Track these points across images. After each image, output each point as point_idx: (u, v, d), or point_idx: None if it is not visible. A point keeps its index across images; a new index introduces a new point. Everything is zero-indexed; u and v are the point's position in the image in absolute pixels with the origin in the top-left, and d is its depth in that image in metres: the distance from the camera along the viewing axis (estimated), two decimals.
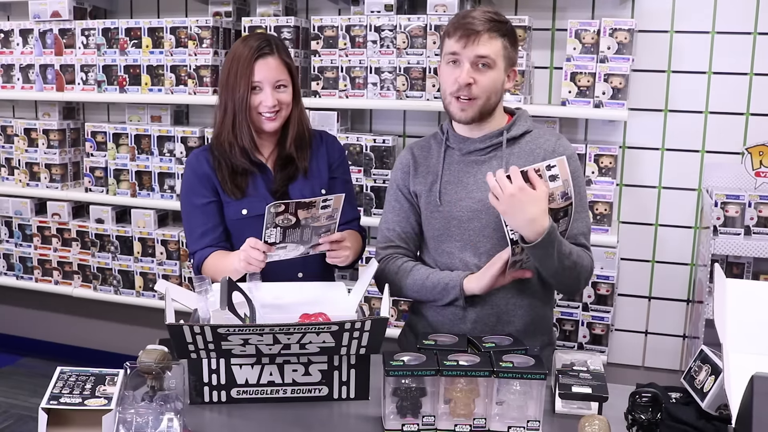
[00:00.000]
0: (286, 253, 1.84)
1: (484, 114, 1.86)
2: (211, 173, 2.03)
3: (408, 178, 1.99)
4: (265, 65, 1.96)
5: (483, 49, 1.79)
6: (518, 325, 1.91)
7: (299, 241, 1.80)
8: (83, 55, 3.35)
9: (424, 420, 1.49)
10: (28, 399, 3.57)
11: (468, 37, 1.78)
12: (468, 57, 1.79)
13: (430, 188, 1.94)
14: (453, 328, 1.90)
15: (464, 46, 1.79)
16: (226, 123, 2.00)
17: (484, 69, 1.80)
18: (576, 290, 1.92)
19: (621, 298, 3.10)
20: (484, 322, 1.90)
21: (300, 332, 1.52)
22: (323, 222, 1.80)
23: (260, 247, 1.77)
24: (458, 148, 1.94)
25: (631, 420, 1.43)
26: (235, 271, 1.87)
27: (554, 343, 2.06)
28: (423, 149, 2.01)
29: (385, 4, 2.94)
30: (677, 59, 2.90)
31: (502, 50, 1.82)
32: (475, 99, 1.82)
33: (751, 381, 1.13)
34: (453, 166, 1.94)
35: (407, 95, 2.94)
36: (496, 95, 1.85)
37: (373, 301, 3.05)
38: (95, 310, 3.84)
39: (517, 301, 1.91)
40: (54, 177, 3.54)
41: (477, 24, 1.79)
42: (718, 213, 2.62)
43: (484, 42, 1.78)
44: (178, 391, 1.40)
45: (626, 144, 3.01)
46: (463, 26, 1.80)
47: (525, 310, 1.91)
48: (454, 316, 1.92)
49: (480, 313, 1.90)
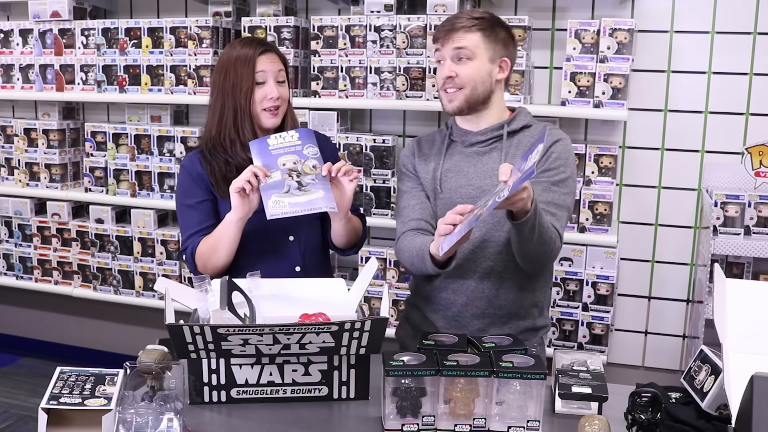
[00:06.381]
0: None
1: (472, 103, 1.93)
2: (204, 174, 2.03)
3: (414, 161, 2.08)
4: (267, 59, 2.01)
5: (459, 42, 1.90)
6: (509, 308, 1.96)
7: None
8: (83, 55, 3.35)
9: (423, 420, 1.49)
10: (28, 399, 3.58)
11: (445, 36, 1.92)
12: (448, 53, 1.92)
13: (432, 175, 2.02)
14: (446, 312, 1.97)
15: (443, 44, 1.93)
16: (225, 122, 2.00)
17: (464, 61, 1.91)
18: (542, 265, 1.96)
19: (621, 298, 3.10)
20: (474, 305, 1.95)
21: (300, 332, 1.52)
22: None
23: (254, 168, 1.84)
24: (461, 141, 2.01)
25: (631, 420, 1.43)
26: (231, 222, 1.90)
27: (547, 326, 2.08)
28: (428, 141, 2.11)
29: (384, 4, 2.94)
30: (677, 59, 2.90)
31: (482, 42, 1.91)
32: (461, 89, 1.91)
33: (751, 381, 1.13)
34: (454, 156, 2.01)
35: (407, 95, 2.94)
36: (483, 84, 1.92)
37: (373, 301, 3.05)
38: (95, 310, 3.85)
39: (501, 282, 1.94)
40: (54, 177, 3.54)
41: (455, 22, 1.92)
42: (717, 213, 2.62)
43: (459, 36, 1.90)
44: (177, 391, 1.40)
45: (626, 144, 3.01)
46: (443, 26, 1.95)
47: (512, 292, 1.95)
48: (446, 301, 1.98)
49: (470, 296, 1.95)
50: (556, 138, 1.94)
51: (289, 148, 1.92)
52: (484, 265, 1.93)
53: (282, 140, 1.93)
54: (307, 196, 1.87)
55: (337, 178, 1.90)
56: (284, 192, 1.87)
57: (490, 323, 1.95)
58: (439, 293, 1.99)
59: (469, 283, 1.94)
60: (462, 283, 1.95)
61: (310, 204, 1.85)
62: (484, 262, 1.93)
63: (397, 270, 3.06)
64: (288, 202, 1.85)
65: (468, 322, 1.96)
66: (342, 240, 2.07)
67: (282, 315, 1.60)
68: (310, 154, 1.92)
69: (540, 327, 2.03)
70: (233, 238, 1.93)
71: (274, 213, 1.84)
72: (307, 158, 1.91)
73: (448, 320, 1.98)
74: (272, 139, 1.93)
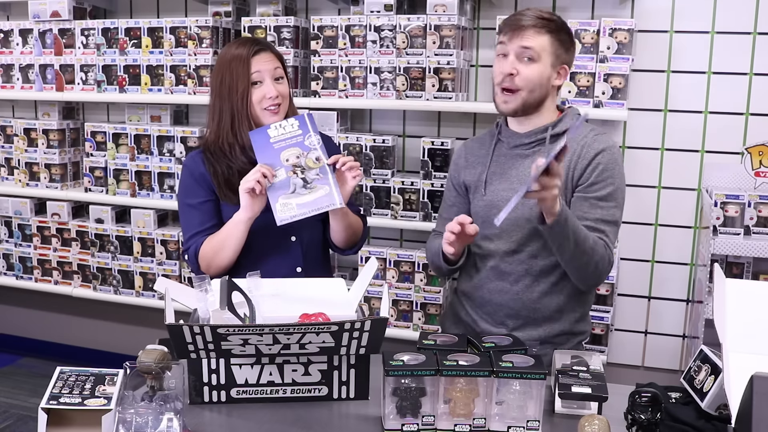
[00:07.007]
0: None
1: (527, 107, 1.94)
2: (207, 174, 2.03)
3: (459, 171, 2.12)
4: (262, 59, 2.00)
5: (527, 41, 1.89)
6: (543, 311, 1.99)
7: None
8: (83, 55, 3.35)
9: (423, 420, 1.49)
10: (27, 399, 3.58)
11: (514, 31, 1.91)
12: (513, 49, 1.91)
13: (478, 177, 2.05)
14: (483, 309, 2.05)
15: (510, 38, 1.91)
16: (224, 126, 2.00)
17: (528, 62, 1.90)
18: (593, 280, 1.97)
19: (621, 298, 3.10)
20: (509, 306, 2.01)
21: (300, 332, 1.52)
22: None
23: (262, 168, 1.85)
24: (507, 141, 2.04)
25: (631, 420, 1.43)
26: (240, 222, 1.91)
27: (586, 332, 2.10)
28: (476, 141, 2.15)
29: (384, 4, 2.94)
30: (677, 59, 2.90)
31: (549, 46, 1.91)
32: (518, 90, 1.91)
33: (751, 381, 1.13)
34: (501, 158, 2.04)
35: (407, 95, 2.94)
36: (541, 89, 1.93)
37: (373, 301, 3.05)
38: (95, 310, 3.85)
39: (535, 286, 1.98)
40: (54, 177, 3.54)
41: (524, 19, 1.90)
42: (717, 213, 2.62)
43: (529, 36, 1.89)
44: (177, 391, 1.40)
45: (626, 144, 3.01)
46: (511, 21, 1.93)
47: (547, 296, 1.98)
48: (482, 300, 2.05)
49: (505, 297, 2.00)
50: (601, 147, 1.93)
51: (290, 139, 1.92)
52: (519, 268, 1.98)
53: (282, 130, 1.92)
54: (313, 194, 1.88)
55: (341, 171, 1.91)
56: (290, 192, 1.88)
57: (524, 324, 2.00)
58: (476, 291, 2.05)
59: (503, 284, 2.00)
60: (498, 284, 2.01)
61: (316, 203, 1.88)
62: (519, 265, 1.98)
63: (397, 270, 3.06)
64: (296, 204, 1.87)
65: (503, 320, 2.02)
66: (341, 237, 2.07)
67: (282, 315, 1.60)
68: (312, 144, 1.92)
69: (578, 332, 2.05)
70: (240, 238, 1.94)
71: (283, 218, 1.86)
72: (309, 150, 1.91)
73: (485, 316, 2.05)
74: (272, 130, 1.92)
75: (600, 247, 1.88)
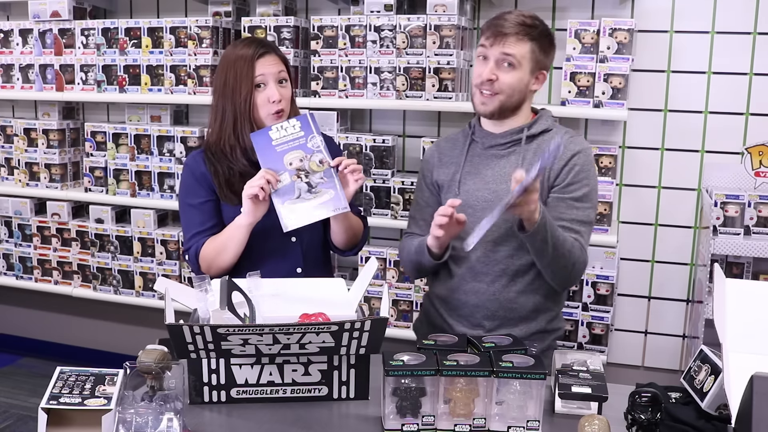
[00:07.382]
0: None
1: (504, 110, 1.95)
2: (208, 174, 2.03)
3: (432, 170, 2.10)
4: (266, 62, 1.98)
5: (509, 48, 1.89)
6: (520, 311, 1.99)
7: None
8: (83, 55, 3.35)
9: (423, 420, 1.49)
10: (27, 399, 3.58)
11: (496, 37, 1.90)
12: (494, 54, 1.91)
13: (452, 177, 2.04)
14: (459, 311, 2.01)
15: (492, 44, 1.91)
16: (225, 127, 2.00)
17: (508, 68, 1.91)
18: (569, 281, 2.01)
19: (621, 298, 3.10)
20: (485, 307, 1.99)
21: (300, 332, 1.52)
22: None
23: (266, 174, 1.84)
24: (481, 142, 2.04)
25: (631, 420, 1.43)
26: (241, 226, 1.90)
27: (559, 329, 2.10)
28: (449, 141, 2.13)
29: (384, 4, 2.94)
30: (677, 59, 2.90)
31: (529, 53, 1.91)
32: (497, 94, 1.92)
33: (750, 381, 1.13)
34: (475, 158, 2.04)
35: (407, 95, 2.94)
36: (519, 94, 1.94)
37: (373, 301, 3.05)
38: (95, 310, 3.84)
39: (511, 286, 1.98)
40: (54, 177, 3.54)
41: (507, 26, 1.90)
42: (717, 213, 2.62)
43: (510, 43, 1.89)
44: (177, 391, 1.40)
45: (626, 144, 3.01)
46: (494, 26, 1.92)
47: (523, 296, 1.98)
48: (458, 302, 2.02)
49: (481, 298, 1.98)
50: (577, 149, 1.95)
51: (292, 141, 1.91)
52: (496, 268, 1.97)
53: (284, 131, 1.91)
54: (318, 199, 1.89)
55: (344, 173, 1.91)
56: (295, 197, 1.87)
57: (500, 324, 1.99)
58: (452, 294, 2.03)
59: (480, 285, 1.99)
60: (474, 285, 1.99)
61: (323, 209, 1.88)
62: (495, 266, 1.97)
63: (397, 270, 3.06)
64: (302, 210, 1.87)
65: (479, 322, 2.00)
66: (341, 238, 2.07)
67: (282, 315, 1.60)
68: (314, 147, 1.91)
69: (551, 330, 2.05)
70: (241, 241, 1.94)
71: (289, 225, 1.87)
72: (313, 152, 1.91)
73: (460, 319, 2.03)
74: (274, 132, 1.91)
75: (576, 249, 1.89)
